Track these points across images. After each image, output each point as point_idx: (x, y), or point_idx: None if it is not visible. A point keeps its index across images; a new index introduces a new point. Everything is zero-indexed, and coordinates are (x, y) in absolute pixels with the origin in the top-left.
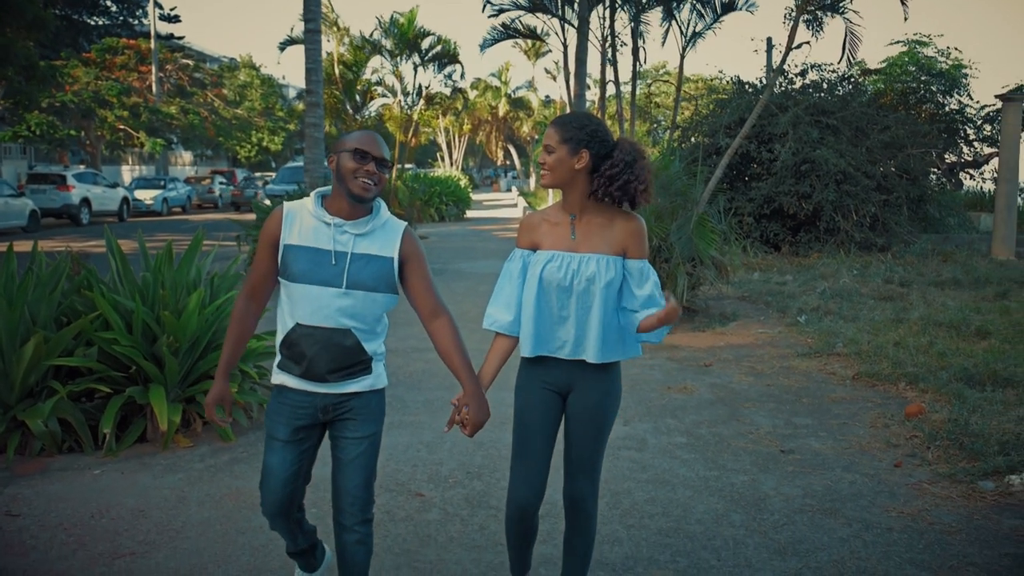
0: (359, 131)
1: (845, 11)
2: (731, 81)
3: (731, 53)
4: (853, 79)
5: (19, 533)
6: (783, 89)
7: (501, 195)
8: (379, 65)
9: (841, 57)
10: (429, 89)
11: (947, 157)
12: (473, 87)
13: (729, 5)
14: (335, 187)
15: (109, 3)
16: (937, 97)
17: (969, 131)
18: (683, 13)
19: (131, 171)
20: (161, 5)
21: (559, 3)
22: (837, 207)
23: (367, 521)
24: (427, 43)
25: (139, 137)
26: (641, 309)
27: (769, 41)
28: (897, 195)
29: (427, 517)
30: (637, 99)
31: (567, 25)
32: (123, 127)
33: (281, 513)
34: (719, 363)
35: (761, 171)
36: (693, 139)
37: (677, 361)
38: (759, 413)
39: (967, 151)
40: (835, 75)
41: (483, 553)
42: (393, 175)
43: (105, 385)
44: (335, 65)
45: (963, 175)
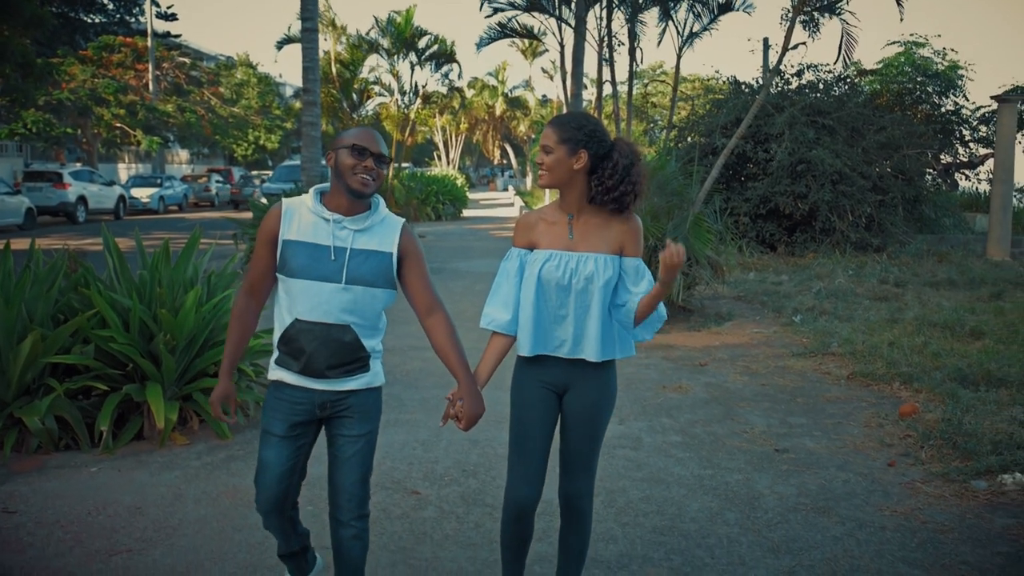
0: (357, 128)
1: (842, 12)
2: (727, 81)
3: (728, 53)
4: (849, 80)
5: (16, 530)
6: (779, 89)
7: (498, 194)
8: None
9: (837, 58)
10: (426, 88)
11: (943, 158)
12: (470, 86)
13: (726, 5)
14: (334, 183)
15: (106, 1)
16: (933, 98)
17: (965, 132)
18: (680, 13)
19: (127, 169)
20: (158, 3)
21: (556, 3)
22: (833, 207)
23: (363, 517)
24: (424, 42)
25: (136, 135)
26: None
27: (766, 41)
28: (893, 195)
29: (423, 515)
30: (634, 99)
31: (564, 25)
32: (120, 125)
33: (276, 509)
34: (714, 362)
35: (757, 171)
36: (689, 139)
37: (672, 360)
38: (754, 412)
39: (963, 152)
40: (831, 76)
41: (478, 551)
42: (390, 174)
43: (102, 383)
44: (332, 64)
45: (959, 176)
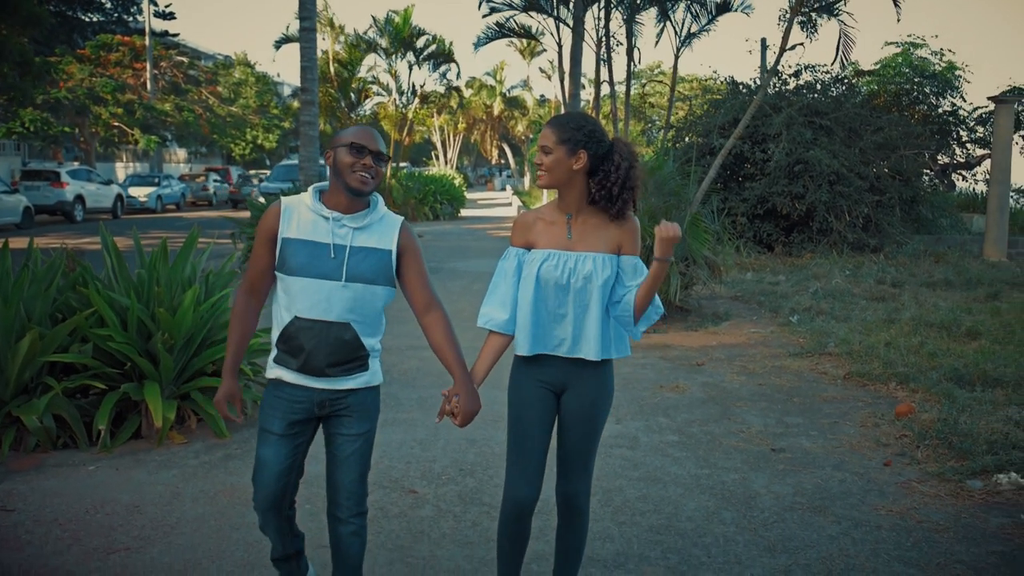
0: (356, 126)
1: (839, 13)
2: (725, 81)
3: (726, 54)
4: (847, 80)
5: (14, 528)
6: (777, 90)
7: (496, 194)
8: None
9: (835, 58)
10: (424, 88)
11: (940, 158)
12: (468, 86)
13: (724, 6)
14: (332, 182)
15: (104, 0)
16: (930, 99)
17: (962, 133)
18: (678, 14)
19: (125, 168)
20: (156, 2)
21: (554, 3)
22: (830, 208)
23: (362, 514)
24: (422, 42)
25: (133, 134)
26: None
27: (763, 42)
28: (890, 196)
29: (420, 514)
30: (631, 99)
31: (562, 25)
32: (117, 124)
33: (274, 507)
34: (711, 362)
35: (755, 171)
36: (687, 139)
37: (669, 360)
38: (750, 412)
39: (960, 152)
40: (829, 76)
41: (475, 549)
42: (388, 173)
43: (100, 381)
44: (330, 63)
45: (955, 176)
